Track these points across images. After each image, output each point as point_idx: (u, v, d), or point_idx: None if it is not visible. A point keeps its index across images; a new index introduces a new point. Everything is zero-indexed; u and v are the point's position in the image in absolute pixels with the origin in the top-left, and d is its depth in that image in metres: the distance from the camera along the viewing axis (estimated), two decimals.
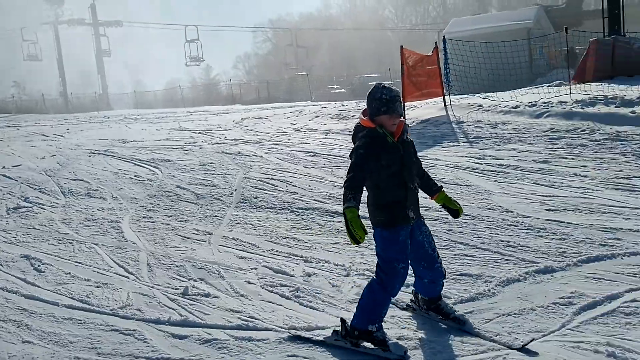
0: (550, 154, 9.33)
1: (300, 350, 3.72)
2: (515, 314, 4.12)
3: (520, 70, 30.17)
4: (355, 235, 3.27)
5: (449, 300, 4.34)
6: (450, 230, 6.09)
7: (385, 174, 3.57)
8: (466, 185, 7.78)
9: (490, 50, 21.02)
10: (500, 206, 6.79)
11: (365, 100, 3.70)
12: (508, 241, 5.70)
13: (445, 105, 14.02)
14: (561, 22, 40.84)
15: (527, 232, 5.90)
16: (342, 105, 17.77)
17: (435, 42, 14.61)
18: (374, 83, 3.84)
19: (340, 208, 4.03)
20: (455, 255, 5.40)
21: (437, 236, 5.11)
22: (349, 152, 3.62)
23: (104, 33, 70.44)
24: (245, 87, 58.27)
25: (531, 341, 3.63)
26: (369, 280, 3.74)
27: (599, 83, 16.19)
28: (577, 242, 5.54)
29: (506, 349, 3.57)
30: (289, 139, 12.20)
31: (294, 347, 3.76)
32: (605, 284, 4.55)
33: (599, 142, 9.72)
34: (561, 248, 5.43)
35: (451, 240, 5.79)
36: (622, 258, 5.05)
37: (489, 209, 6.74)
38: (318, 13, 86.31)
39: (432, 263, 3.84)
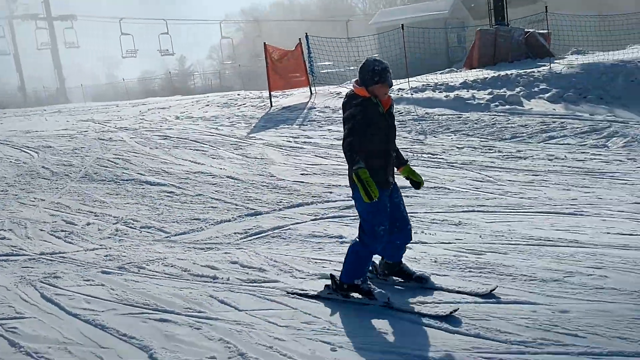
0: None
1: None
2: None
3: (438, 56, 32.48)
4: (372, 193, 3.63)
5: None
6: (217, 190, 8.09)
7: (374, 140, 3.91)
8: (261, 158, 9.77)
9: (411, 39, 23.21)
10: (270, 173, 8.80)
11: (358, 72, 4.03)
12: (250, 196, 7.70)
13: (311, 93, 15.98)
14: (480, 11, 43.34)
15: (270, 190, 7.92)
16: (237, 94, 19.60)
17: (299, 39, 16.54)
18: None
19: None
20: (204, 205, 7.43)
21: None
22: (344, 117, 3.93)
23: (71, 26, 70.45)
24: (207, 77, 59.39)
25: (494, 289, 4.10)
26: (352, 242, 4.18)
27: (481, 69, 18.20)
28: (298, 196, 7.58)
29: (473, 297, 4.07)
30: (161, 126, 14.01)
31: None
32: (284, 221, 6.61)
33: (402, 122, 11.80)
34: (283, 200, 7.45)
35: (213, 198, 7.77)
36: (316, 204, 7.13)
37: (259, 174, 8.73)
38: (289, 2, 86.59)
39: (405, 224, 4.23)
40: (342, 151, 3.91)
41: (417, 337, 3.62)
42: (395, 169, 4.26)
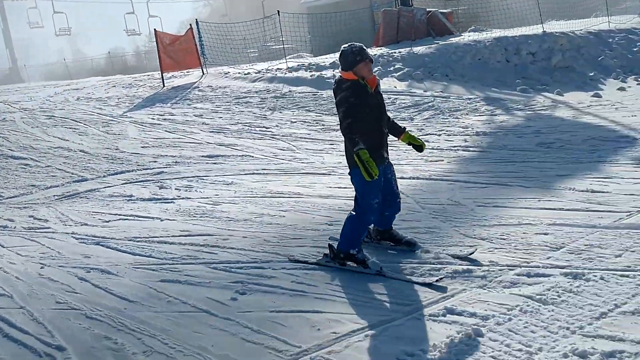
0: (213, 110, 12.82)
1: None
2: None
3: (364, 35, 33.84)
4: (372, 172, 3.84)
5: None
6: (64, 162, 9.45)
7: (368, 119, 4.08)
8: (118, 134, 11.14)
9: (337, 18, 24.47)
10: (116, 147, 10.19)
11: (339, 61, 4.27)
12: (88, 166, 9.09)
13: (202, 74, 17.32)
14: None
15: (107, 161, 9.32)
16: (147, 75, 20.77)
17: (190, 24, 17.84)
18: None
19: None
20: (47, 174, 8.79)
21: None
22: (337, 102, 4.12)
23: (35, 5, 69.35)
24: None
25: (473, 252, 4.45)
26: (349, 215, 4.38)
27: (384, 48, 19.47)
28: (127, 165, 8.99)
29: (456, 260, 4.40)
30: (56, 107, 15.14)
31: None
32: (99, 185, 8.03)
33: (263, 100, 13.26)
34: (112, 168, 8.86)
35: (57, 169, 9.13)
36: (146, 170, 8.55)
37: (107, 148, 10.12)
38: None
39: (395, 198, 4.54)
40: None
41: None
42: (396, 138, 4.59)
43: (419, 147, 4.56)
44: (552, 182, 6.48)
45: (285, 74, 15.47)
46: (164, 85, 16.63)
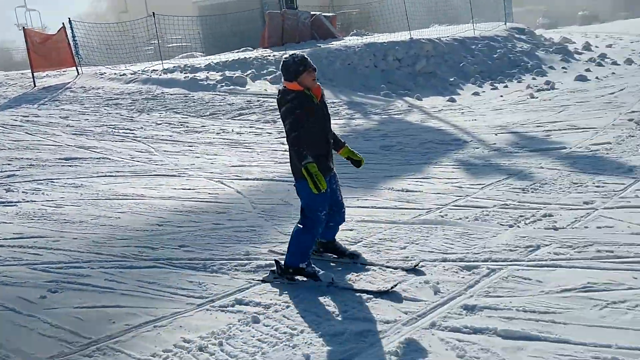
0: (81, 112, 12.70)
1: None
2: None
3: (256, 36, 34.02)
4: (321, 186, 3.84)
5: None
6: None
7: (313, 130, 4.00)
8: None
9: (228, 19, 24.53)
10: None
11: (282, 72, 4.14)
12: None
13: (77, 74, 16.98)
14: None
15: None
16: (22, 73, 20.05)
17: (63, 23, 17.48)
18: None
19: None
20: None
21: None
22: (282, 114, 4.02)
23: None
24: None
25: (418, 264, 4.41)
26: (294, 229, 4.27)
27: (268, 50, 19.76)
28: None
29: (400, 271, 4.37)
30: None
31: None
32: None
33: (134, 101, 13.26)
34: None
35: None
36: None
37: None
38: None
39: (340, 208, 4.48)
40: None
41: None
42: (335, 151, 4.42)
43: (357, 162, 4.47)
44: (377, 183, 7.11)
45: (160, 75, 15.54)
46: (34, 85, 16.17)
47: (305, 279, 4.25)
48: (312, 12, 25.43)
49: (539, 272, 4.24)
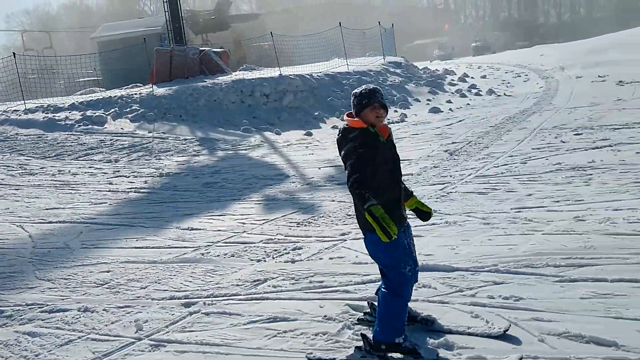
0: None
1: None
2: None
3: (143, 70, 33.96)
4: (390, 231, 3.14)
5: None
6: None
7: (381, 173, 3.42)
8: None
9: (127, 53, 24.43)
10: None
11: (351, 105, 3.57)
12: None
13: None
14: (208, 25, 46.07)
15: None
16: None
17: None
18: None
19: None
20: None
21: None
22: (343, 154, 3.41)
23: None
24: None
25: (507, 329, 3.61)
26: (381, 294, 3.49)
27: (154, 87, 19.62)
28: None
29: (486, 339, 3.57)
30: None
31: None
32: None
33: None
34: None
35: None
36: None
37: None
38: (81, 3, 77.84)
39: (415, 266, 3.60)
40: None
41: None
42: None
43: (426, 214, 3.75)
44: (171, 222, 7.29)
45: (20, 115, 15.27)
46: None
47: (401, 355, 3.44)
48: (201, 48, 25.75)
49: (245, 305, 4.50)
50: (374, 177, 3.35)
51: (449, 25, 72.83)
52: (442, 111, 16.34)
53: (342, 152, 3.43)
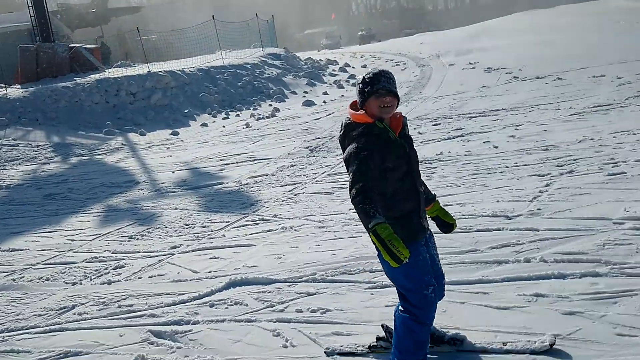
0: None
1: None
2: None
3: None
4: (400, 255, 2.52)
5: None
6: None
7: (394, 178, 2.82)
8: None
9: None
10: None
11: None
12: None
13: None
14: (86, 20, 43.77)
15: None
16: None
17: None
18: None
19: None
20: None
21: None
22: (345, 158, 2.77)
23: None
24: None
25: (554, 343, 3.07)
26: (400, 318, 2.92)
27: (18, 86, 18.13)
28: None
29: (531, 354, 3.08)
30: None
31: None
32: None
33: None
34: None
35: None
36: None
37: None
38: None
39: (441, 279, 3.11)
40: None
41: None
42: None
43: (449, 225, 3.17)
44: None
45: None
46: None
47: None
48: (71, 45, 24.46)
49: (39, 339, 4.16)
50: (385, 185, 2.76)
51: (334, 15, 73.54)
52: (315, 104, 16.28)
53: (344, 155, 2.78)
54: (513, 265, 4.15)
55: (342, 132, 2.86)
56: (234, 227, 6.15)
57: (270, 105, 17.01)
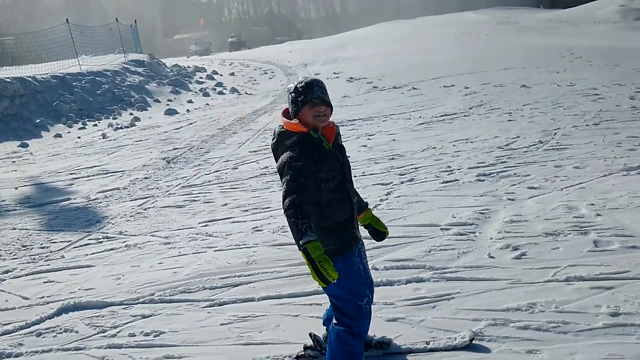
0: None
1: None
2: None
3: None
4: (328, 277, 2.47)
5: None
6: None
7: (328, 188, 2.75)
8: None
9: None
10: None
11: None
12: None
13: None
14: None
15: None
16: None
17: None
18: None
19: None
20: None
21: None
22: (278, 167, 2.68)
23: None
24: None
25: (473, 338, 3.18)
26: (334, 331, 2.81)
27: None
28: None
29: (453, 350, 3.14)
30: None
31: None
32: None
33: None
34: None
35: None
36: None
37: None
38: None
39: (371, 288, 3.01)
40: None
41: None
42: None
43: (381, 234, 3.13)
44: None
45: None
46: None
47: None
48: None
49: None
50: (320, 195, 2.74)
51: (203, 20, 72.65)
52: (178, 113, 15.95)
53: (277, 164, 2.75)
54: None
55: (275, 140, 2.83)
56: (75, 247, 5.85)
57: (131, 114, 16.44)
